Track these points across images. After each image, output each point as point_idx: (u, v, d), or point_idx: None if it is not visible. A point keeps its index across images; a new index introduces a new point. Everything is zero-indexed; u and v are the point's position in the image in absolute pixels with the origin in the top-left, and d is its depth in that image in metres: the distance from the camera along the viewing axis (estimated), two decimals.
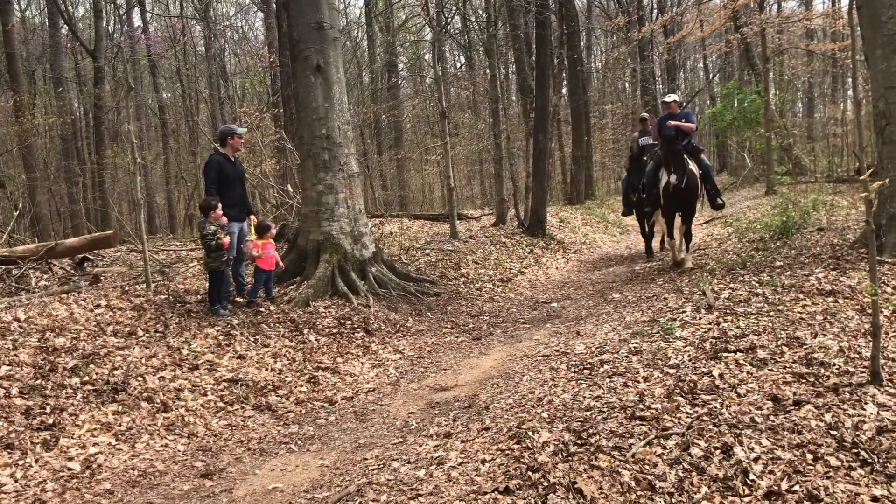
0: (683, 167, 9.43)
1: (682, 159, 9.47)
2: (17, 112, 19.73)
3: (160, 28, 30.04)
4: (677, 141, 9.57)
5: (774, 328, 5.10)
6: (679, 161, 9.40)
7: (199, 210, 8.25)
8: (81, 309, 7.41)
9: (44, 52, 26.19)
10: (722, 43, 28.10)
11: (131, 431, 5.30)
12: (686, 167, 9.50)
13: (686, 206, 9.88)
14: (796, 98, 37.49)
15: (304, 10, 9.48)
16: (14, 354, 5.87)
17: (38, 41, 26.58)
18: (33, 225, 18.14)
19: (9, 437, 4.84)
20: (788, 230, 10.08)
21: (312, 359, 7.11)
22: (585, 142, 25.55)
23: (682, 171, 9.42)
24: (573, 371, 5.40)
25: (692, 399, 3.97)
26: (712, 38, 33.03)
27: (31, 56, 26.28)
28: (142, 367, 6.17)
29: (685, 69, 52.64)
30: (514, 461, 3.56)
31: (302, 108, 9.80)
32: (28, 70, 24.96)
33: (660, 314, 6.69)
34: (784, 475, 3.07)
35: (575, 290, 10.51)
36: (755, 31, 21.51)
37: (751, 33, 22.12)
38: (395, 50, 31.35)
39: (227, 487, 4.37)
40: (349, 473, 4.25)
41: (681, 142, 9.69)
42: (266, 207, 16.26)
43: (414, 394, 6.05)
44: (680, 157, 9.43)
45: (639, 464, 3.27)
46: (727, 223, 14.84)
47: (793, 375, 4.12)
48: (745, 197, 20.80)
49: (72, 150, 25.73)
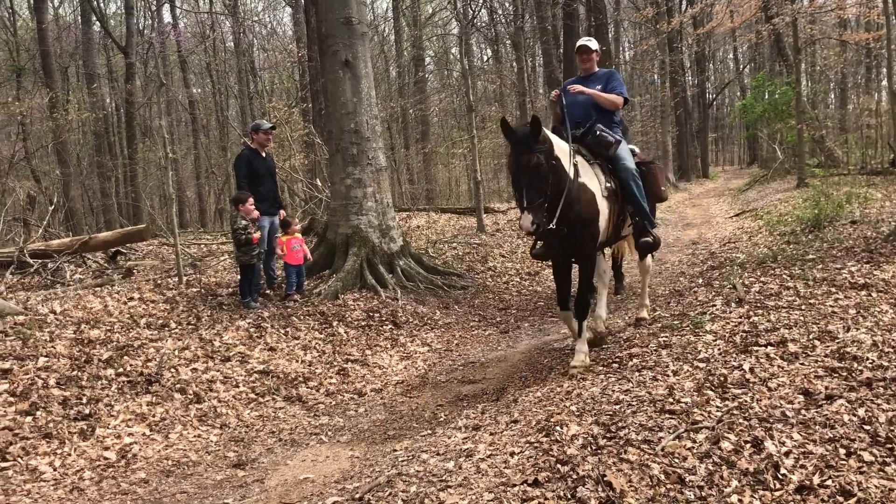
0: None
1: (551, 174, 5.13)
2: (52, 108, 20.06)
3: (190, 24, 30.33)
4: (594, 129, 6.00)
5: (806, 322, 5.05)
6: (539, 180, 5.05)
7: (231, 204, 8.35)
8: (115, 301, 7.54)
9: (76, 49, 26.57)
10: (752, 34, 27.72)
11: (165, 422, 5.39)
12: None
13: (577, 251, 5.72)
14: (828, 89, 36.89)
15: (333, 6, 9.52)
16: (51, 346, 6.00)
17: (71, 38, 26.97)
18: (67, 219, 18.46)
19: (47, 427, 4.95)
20: (820, 223, 9.95)
21: (342, 351, 7.17)
22: None
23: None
24: (601, 365, 5.40)
25: (722, 393, 3.95)
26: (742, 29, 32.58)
27: (65, 53, 26.67)
28: (175, 359, 6.27)
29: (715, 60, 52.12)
30: (543, 454, 3.57)
31: (331, 102, 9.85)
32: (62, 67, 25.35)
33: (690, 308, 6.65)
34: (816, 470, 3.05)
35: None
36: (786, 22, 21.16)
37: (782, 23, 21.76)
38: (422, 44, 31.35)
39: (258, 477, 4.43)
40: (379, 464, 4.29)
41: (595, 128, 6.00)
42: (295, 201, 16.39)
43: (442, 386, 6.09)
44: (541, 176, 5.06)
45: (668, 457, 3.27)
46: (758, 216, 14.67)
47: (825, 370, 4.08)
48: (776, 189, 20.53)
49: (104, 146, 26.11)
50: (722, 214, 18.53)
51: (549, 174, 5.06)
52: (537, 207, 4.98)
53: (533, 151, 4.99)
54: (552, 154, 5.19)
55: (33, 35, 23.34)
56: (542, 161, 5.00)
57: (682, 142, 36.98)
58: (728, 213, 18.19)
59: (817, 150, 24.51)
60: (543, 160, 5.02)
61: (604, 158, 6.03)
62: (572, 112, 6.06)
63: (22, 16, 27.17)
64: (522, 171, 5.02)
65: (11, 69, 23.20)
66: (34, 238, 11.60)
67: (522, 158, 5.01)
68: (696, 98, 41.78)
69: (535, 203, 4.99)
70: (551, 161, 5.13)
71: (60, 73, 24.41)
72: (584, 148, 5.97)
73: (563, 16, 20.78)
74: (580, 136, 6.05)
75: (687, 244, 13.31)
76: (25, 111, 19.98)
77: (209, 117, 27.94)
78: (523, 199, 5.01)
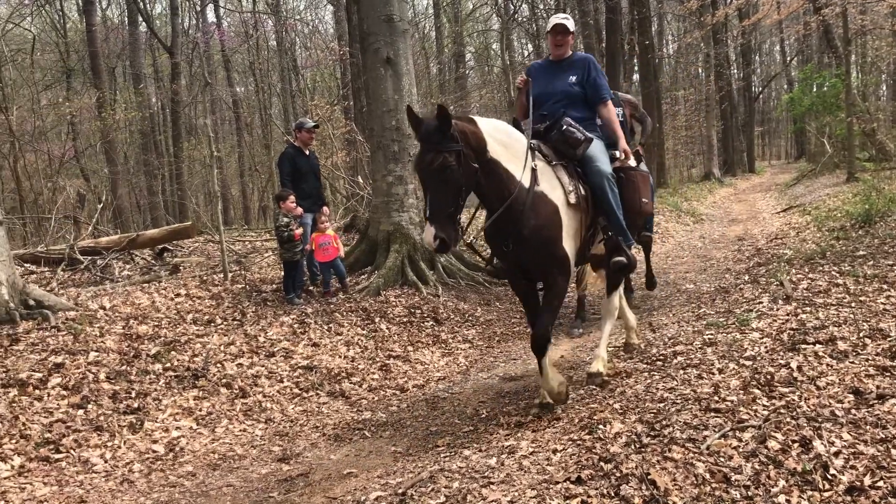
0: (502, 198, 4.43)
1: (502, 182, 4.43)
2: (100, 108, 20.53)
3: (233, 23, 30.74)
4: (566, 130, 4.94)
5: (856, 319, 4.95)
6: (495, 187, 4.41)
7: (274, 201, 8.44)
8: (162, 298, 7.69)
9: (123, 50, 27.16)
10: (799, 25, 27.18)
11: (211, 416, 5.49)
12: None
13: (540, 276, 4.79)
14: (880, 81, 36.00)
15: (374, 3, 9.56)
16: (101, 341, 6.14)
17: (118, 39, 27.55)
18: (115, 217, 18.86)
19: (98, 420, 5.08)
20: (871, 218, 9.71)
21: (384, 347, 7.21)
22: (657, 129, 25.09)
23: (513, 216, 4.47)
24: (646, 362, 5.35)
25: (769, 391, 3.89)
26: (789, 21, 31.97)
27: (112, 54, 27.25)
28: (220, 354, 6.37)
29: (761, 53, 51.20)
30: (586, 451, 3.56)
31: (372, 100, 9.91)
32: (109, 67, 25.92)
33: (735, 305, 6.56)
34: (867, 470, 2.99)
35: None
36: (836, 13, 20.69)
37: (831, 14, 21.27)
38: (463, 40, 31.35)
39: (303, 472, 4.48)
40: (421, 460, 4.31)
41: (561, 122, 4.98)
42: (337, 199, 16.52)
43: (484, 383, 6.09)
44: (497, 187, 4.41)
45: (713, 456, 3.23)
46: (806, 212, 14.39)
47: (876, 368, 3.99)
48: (825, 184, 20.10)
49: (150, 144, 26.66)
50: (768, 210, 18.22)
51: (462, 178, 4.12)
52: (445, 219, 4.10)
53: (440, 150, 4.06)
54: (477, 152, 4.26)
55: (82, 37, 23.95)
56: (450, 161, 4.06)
57: (727, 136, 36.41)
58: (775, 209, 17.88)
59: (868, 144, 23.90)
60: (453, 161, 4.07)
61: (570, 159, 4.94)
62: (543, 103, 5.17)
63: (71, 18, 27.81)
64: (426, 173, 4.14)
65: (62, 71, 23.79)
66: (84, 235, 11.88)
67: (426, 158, 4.10)
68: (742, 91, 41.11)
69: (442, 213, 4.10)
70: (470, 162, 4.18)
71: (108, 73, 24.97)
72: (546, 147, 4.91)
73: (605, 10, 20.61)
74: (544, 132, 5.06)
75: (732, 240, 13.12)
76: (75, 111, 20.48)
77: (252, 116, 28.30)
78: (427, 207, 4.16)
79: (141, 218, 23.53)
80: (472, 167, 4.20)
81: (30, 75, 21.00)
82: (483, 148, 4.31)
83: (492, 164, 4.35)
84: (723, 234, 14.35)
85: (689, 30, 33.39)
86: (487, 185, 4.36)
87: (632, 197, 5.32)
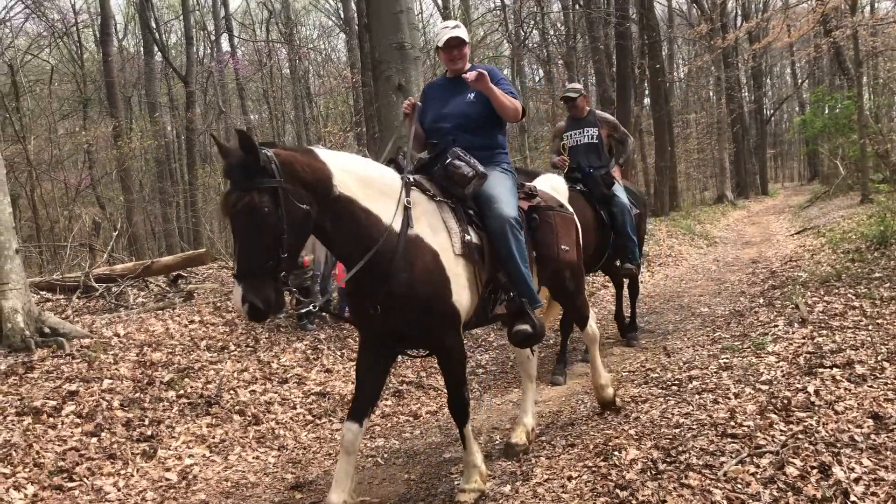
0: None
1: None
2: (116, 137, 20.77)
3: (247, 52, 31.11)
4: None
5: (874, 343, 4.90)
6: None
7: None
8: (176, 324, 7.72)
9: (139, 79, 27.51)
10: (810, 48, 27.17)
11: (224, 443, 5.48)
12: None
13: (421, 338, 3.87)
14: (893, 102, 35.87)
15: (386, 31, 9.65)
16: (115, 368, 6.16)
17: (134, 69, 27.93)
18: (130, 244, 18.98)
19: (111, 448, 5.08)
20: (887, 240, 9.63)
21: (396, 373, 7.19)
22: (669, 152, 25.10)
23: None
24: (660, 388, 5.31)
25: (786, 416, 3.84)
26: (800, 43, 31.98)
27: (128, 83, 27.61)
28: (234, 381, 6.37)
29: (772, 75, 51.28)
30: (601, 478, 3.52)
31: (384, 127, 9.97)
32: (125, 96, 26.26)
33: (751, 328, 6.51)
34: (888, 497, 2.94)
35: (661, 304, 10.30)
36: (847, 35, 20.71)
37: (842, 36, 21.29)
38: None
39: (316, 500, 4.45)
40: (435, 487, 4.28)
41: (447, 153, 3.98)
42: None
43: (497, 409, 6.05)
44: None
45: (731, 482, 3.19)
46: (820, 233, 14.30)
47: (895, 392, 3.94)
48: (839, 206, 20.00)
49: (165, 172, 26.92)
50: (782, 232, 18.13)
51: (283, 223, 3.13)
52: (260, 277, 3.12)
53: (249, 189, 3.10)
54: (313, 189, 3.29)
55: (99, 67, 24.27)
56: (260, 202, 3.09)
57: (739, 158, 36.38)
58: (789, 231, 17.79)
59: (881, 165, 23.77)
60: (267, 201, 3.10)
61: (458, 199, 3.95)
62: (438, 129, 4.29)
63: (88, 48, 28.23)
64: (231, 218, 3.18)
65: (79, 100, 24.11)
66: (99, 263, 11.95)
67: (229, 199, 3.16)
68: (754, 114, 41.12)
69: (255, 270, 3.13)
70: (295, 202, 3.19)
71: (124, 102, 25.30)
72: (429, 182, 3.95)
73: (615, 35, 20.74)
74: (428, 164, 4.09)
75: (747, 263, 13.05)
76: (91, 140, 20.72)
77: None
78: (234, 262, 3.28)
79: (156, 245, 23.65)
80: (300, 209, 3.21)
81: (47, 105, 21.29)
82: (326, 184, 3.35)
83: (342, 203, 3.40)
84: (737, 257, 14.27)
85: (700, 53, 33.46)
86: (337, 231, 3.43)
87: (549, 244, 4.44)
